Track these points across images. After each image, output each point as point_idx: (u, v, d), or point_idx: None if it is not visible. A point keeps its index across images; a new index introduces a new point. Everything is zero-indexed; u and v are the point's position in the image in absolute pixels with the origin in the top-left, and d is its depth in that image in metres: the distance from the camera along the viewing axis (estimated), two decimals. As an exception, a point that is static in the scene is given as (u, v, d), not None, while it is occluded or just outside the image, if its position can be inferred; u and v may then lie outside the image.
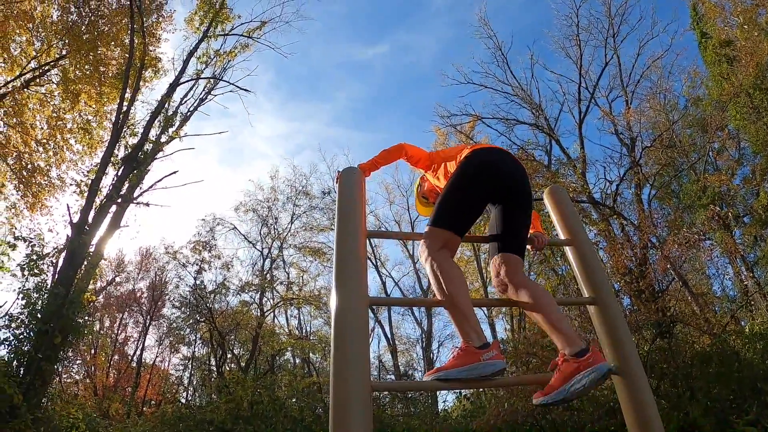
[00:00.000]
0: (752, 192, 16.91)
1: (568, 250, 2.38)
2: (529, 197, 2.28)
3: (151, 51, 15.83)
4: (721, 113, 15.96)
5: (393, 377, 23.43)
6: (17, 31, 14.26)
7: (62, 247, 11.12)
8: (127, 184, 12.14)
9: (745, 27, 15.65)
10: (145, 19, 15.11)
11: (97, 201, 11.99)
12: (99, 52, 15.24)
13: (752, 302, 14.29)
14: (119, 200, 11.54)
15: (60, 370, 19.37)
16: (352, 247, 1.91)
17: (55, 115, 15.45)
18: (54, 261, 11.24)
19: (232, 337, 19.86)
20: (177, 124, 14.03)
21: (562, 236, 2.41)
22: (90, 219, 11.67)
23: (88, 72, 15.27)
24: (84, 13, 15.11)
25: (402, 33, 43.82)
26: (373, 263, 23.18)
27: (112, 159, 11.97)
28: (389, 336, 23.16)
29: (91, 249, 11.79)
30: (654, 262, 10.59)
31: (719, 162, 17.72)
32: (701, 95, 18.55)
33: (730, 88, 15.40)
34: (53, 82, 15.44)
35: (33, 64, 14.82)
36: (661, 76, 18.03)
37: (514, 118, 17.35)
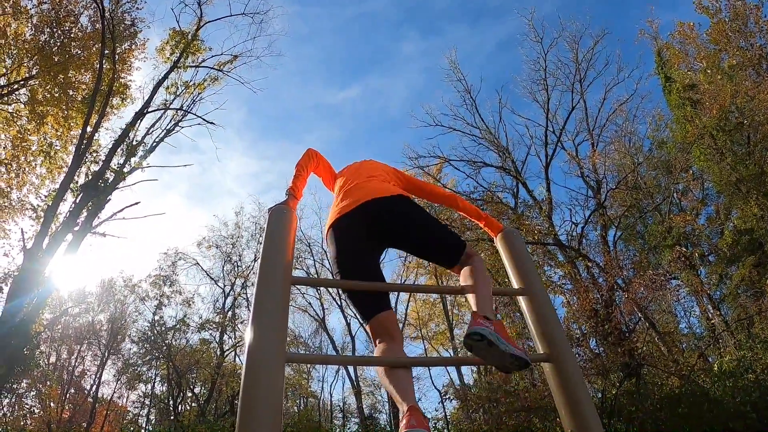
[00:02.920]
0: (717, 231, 17.28)
1: (521, 299, 2.19)
2: (400, 219, 2.11)
3: (122, 78, 15.58)
4: (685, 155, 16.38)
5: (357, 420, 22.73)
6: (-11, 47, 13.93)
7: (10, 273, 10.58)
8: (85, 213, 11.66)
9: (709, 71, 16.24)
10: (117, 45, 14.91)
11: (53, 227, 11.48)
12: (69, 75, 14.96)
13: (720, 340, 14.39)
14: (76, 228, 11.06)
15: (12, 401, 18.31)
16: (272, 296, 1.70)
17: (20, 135, 14.99)
18: (3, 287, 10.68)
19: (194, 375, 19.06)
20: (140, 154, 13.67)
21: (515, 284, 2.23)
22: (44, 246, 11.14)
23: (56, 94, 14.95)
24: (56, 35, 14.87)
25: (373, 78, 44.90)
26: (337, 303, 22.59)
27: (71, 185, 11.53)
28: (353, 378, 22.42)
29: (45, 277, 11.22)
30: (620, 304, 10.56)
31: (684, 203, 18.10)
32: (665, 138, 19.07)
33: (694, 131, 15.84)
34: (21, 102, 15.05)
35: (2, 81, 14.44)
36: (627, 119, 18.54)
37: (481, 161, 17.42)
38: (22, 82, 14.57)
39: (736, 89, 14.67)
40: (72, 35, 15.10)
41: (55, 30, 14.85)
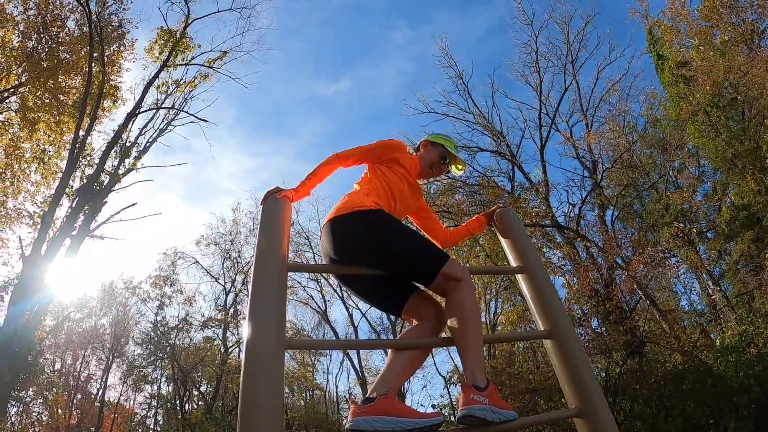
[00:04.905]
0: (714, 207, 17.29)
1: (519, 278, 2.19)
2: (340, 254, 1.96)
3: (112, 80, 15.50)
4: (679, 132, 16.34)
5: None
6: (-23, 56, 13.85)
7: (11, 281, 10.56)
8: (82, 216, 11.64)
9: (701, 48, 16.12)
10: (106, 47, 14.82)
11: (51, 233, 11.46)
12: (59, 80, 14.87)
13: (721, 315, 14.44)
14: (73, 233, 11.03)
15: (19, 409, 18.39)
16: (269, 284, 1.69)
17: (12, 144, 14.91)
18: (4, 296, 10.66)
19: (199, 374, 19.18)
20: (134, 155, 13.63)
21: (512, 263, 2.23)
22: (43, 252, 11.12)
23: (47, 100, 14.86)
24: (44, 40, 14.76)
25: (364, 68, 44.72)
26: (339, 295, 22.45)
27: (67, 190, 11.50)
28: (358, 368, 22.43)
29: (45, 283, 11.21)
30: (620, 283, 10.59)
31: (680, 180, 18.05)
32: (659, 116, 19.00)
33: (688, 108, 15.78)
34: (12, 110, 14.96)
35: (-8, 90, 14.35)
36: (620, 98, 18.39)
37: (476, 146, 17.15)
38: (12, 90, 14.48)
39: (729, 65, 14.59)
40: (60, 40, 14.99)
41: (42, 35, 14.73)
